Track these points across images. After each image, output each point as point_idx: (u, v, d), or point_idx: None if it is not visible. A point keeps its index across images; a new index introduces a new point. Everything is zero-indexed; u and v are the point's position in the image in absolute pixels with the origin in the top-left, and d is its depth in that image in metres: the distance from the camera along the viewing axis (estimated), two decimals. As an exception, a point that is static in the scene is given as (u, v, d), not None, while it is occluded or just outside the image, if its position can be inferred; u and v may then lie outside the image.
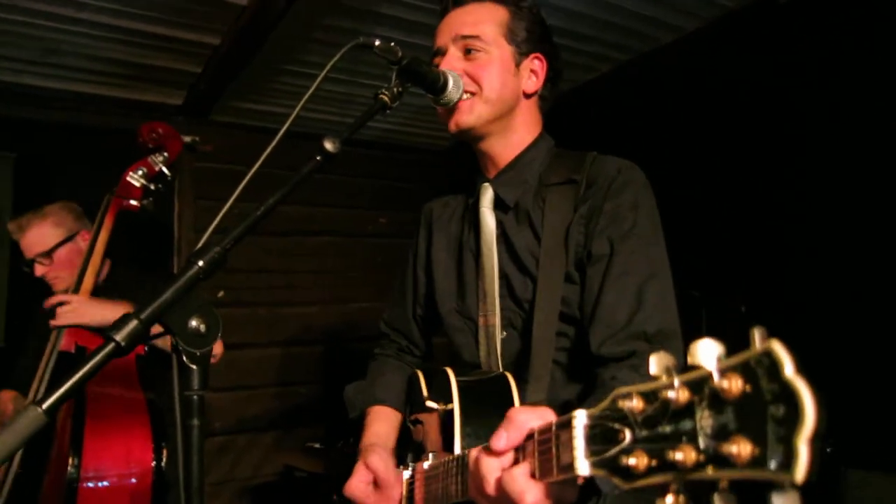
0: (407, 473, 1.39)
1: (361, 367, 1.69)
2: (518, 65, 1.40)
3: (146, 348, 2.43)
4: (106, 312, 2.28)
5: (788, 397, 0.52)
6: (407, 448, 1.51)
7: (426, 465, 1.31)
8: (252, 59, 3.22)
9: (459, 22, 1.37)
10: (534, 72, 1.43)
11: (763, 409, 0.53)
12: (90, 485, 2.08)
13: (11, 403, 2.54)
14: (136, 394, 2.33)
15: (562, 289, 1.28)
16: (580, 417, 0.72)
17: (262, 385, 4.16)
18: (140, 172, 2.48)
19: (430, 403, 1.34)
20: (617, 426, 0.66)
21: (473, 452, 0.99)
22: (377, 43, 1.11)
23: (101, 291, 2.47)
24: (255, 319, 4.14)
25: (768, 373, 0.54)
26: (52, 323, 2.28)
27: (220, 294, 4.07)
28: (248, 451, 4.07)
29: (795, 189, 2.87)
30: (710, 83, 3.33)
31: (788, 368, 0.53)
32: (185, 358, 0.81)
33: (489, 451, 0.91)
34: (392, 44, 1.14)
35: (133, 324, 0.78)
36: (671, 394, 0.61)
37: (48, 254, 2.50)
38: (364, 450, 1.44)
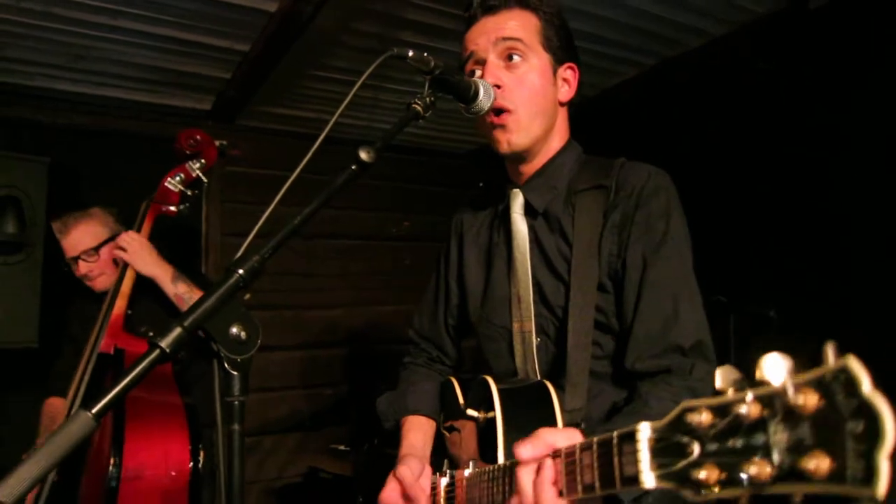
0: (445, 480, 1.40)
1: (385, 369, 1.69)
2: (555, 73, 1.41)
3: (182, 352, 2.48)
4: (152, 263, 2.43)
5: (868, 413, 0.53)
6: (442, 455, 1.52)
7: (467, 472, 1.32)
8: (280, 65, 3.27)
9: (497, 26, 1.37)
10: (566, 80, 1.44)
11: (841, 425, 0.54)
12: (130, 483, 2.12)
13: (64, 411, 2.60)
14: (173, 397, 2.37)
15: (596, 297, 1.29)
16: (644, 430, 0.73)
17: (288, 387, 4.20)
18: (178, 178, 2.55)
19: (470, 412, 1.35)
20: (685, 440, 0.67)
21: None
22: (411, 54, 1.12)
23: (135, 292, 2.52)
24: (281, 322, 4.18)
25: (845, 389, 0.55)
26: (115, 254, 2.44)
27: (247, 297, 4.10)
28: (273, 452, 4.11)
29: (825, 194, 2.84)
30: (738, 88, 3.31)
31: (866, 385, 0.54)
32: (226, 364, 0.83)
33: (519, 463, 0.93)
34: (425, 53, 1.15)
35: (177, 331, 0.80)
36: (743, 409, 0.62)
37: (95, 250, 2.56)
38: (398, 461, 1.45)
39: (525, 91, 1.35)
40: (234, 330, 0.84)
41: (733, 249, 2.94)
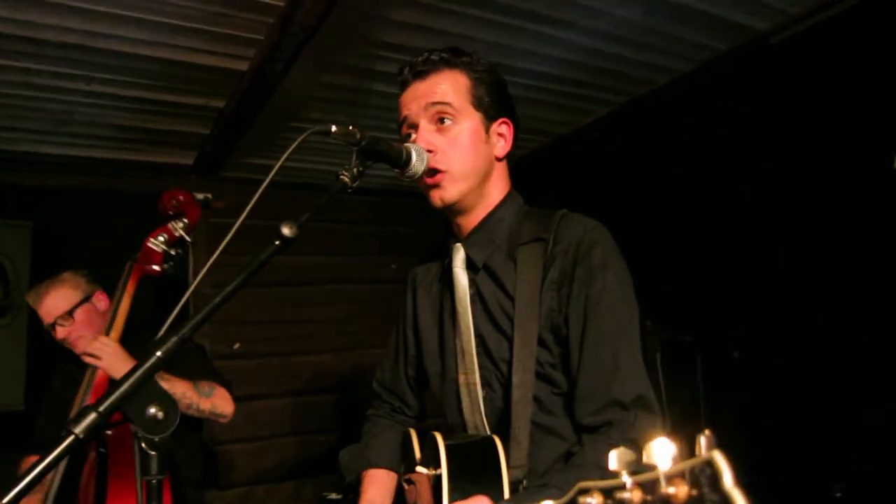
0: None
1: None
2: (487, 130, 1.44)
3: None
4: (128, 365, 2.35)
5: None
6: None
7: None
8: (256, 119, 3.33)
9: (427, 91, 1.41)
10: (502, 135, 1.47)
11: None
12: None
13: None
14: None
15: (536, 351, 1.31)
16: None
17: (278, 434, 4.19)
18: (161, 238, 2.56)
19: (419, 469, 1.38)
20: None
21: None
22: (333, 129, 1.16)
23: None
24: (269, 370, 4.20)
25: (710, 482, 0.57)
26: (83, 355, 2.37)
27: (237, 346, 4.15)
28: (266, 501, 4.09)
29: (791, 230, 2.87)
30: (706, 123, 3.36)
31: (727, 479, 0.56)
32: (144, 445, 0.86)
33: None
34: (350, 127, 1.19)
35: (92, 416, 0.83)
36: (626, 494, 0.63)
37: (69, 314, 2.59)
38: None
39: (457, 152, 1.38)
40: (152, 410, 0.87)
41: (700, 290, 2.96)
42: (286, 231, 1.06)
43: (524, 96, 3.44)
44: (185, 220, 2.59)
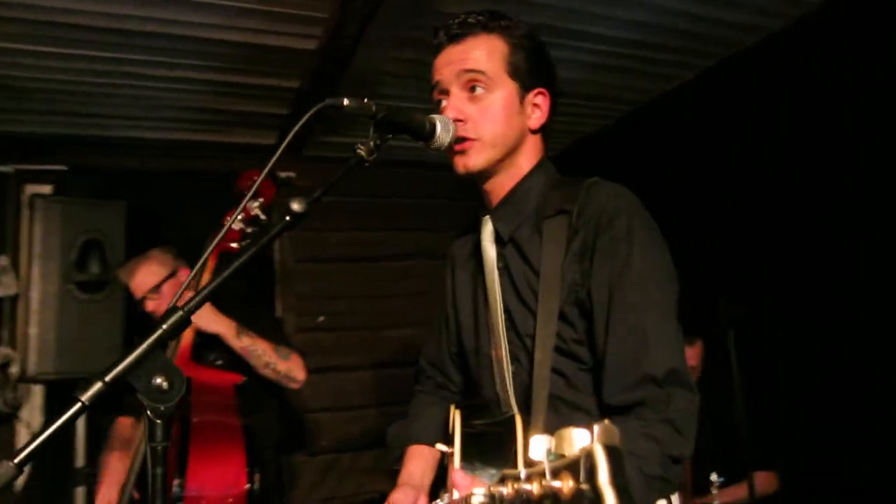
0: None
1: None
2: (522, 100, 1.38)
3: (244, 378, 2.63)
4: (215, 320, 2.54)
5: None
6: (443, 483, 1.54)
7: (439, 502, 1.35)
8: (332, 97, 3.39)
9: (460, 57, 1.36)
10: (537, 106, 1.41)
11: None
12: (193, 502, 2.25)
13: (130, 429, 2.83)
14: (234, 420, 2.50)
15: (557, 327, 1.26)
16: (477, 495, 0.74)
17: (364, 405, 4.32)
18: (239, 217, 2.68)
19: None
20: None
21: None
22: (346, 102, 1.16)
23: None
24: (354, 342, 4.32)
25: (588, 475, 0.55)
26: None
27: (321, 319, 4.29)
28: (352, 469, 4.24)
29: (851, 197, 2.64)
30: (794, 85, 3.12)
31: (602, 474, 0.54)
32: (149, 413, 0.90)
33: None
34: (365, 99, 1.18)
35: (98, 385, 0.87)
36: (527, 486, 0.63)
37: (156, 289, 2.75)
38: (395, 489, 1.49)
39: (488, 122, 1.34)
40: (158, 380, 0.90)
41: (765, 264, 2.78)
42: (296, 207, 1.07)
43: (600, 63, 3.32)
44: (261, 200, 2.69)
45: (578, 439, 0.62)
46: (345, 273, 4.34)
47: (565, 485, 0.57)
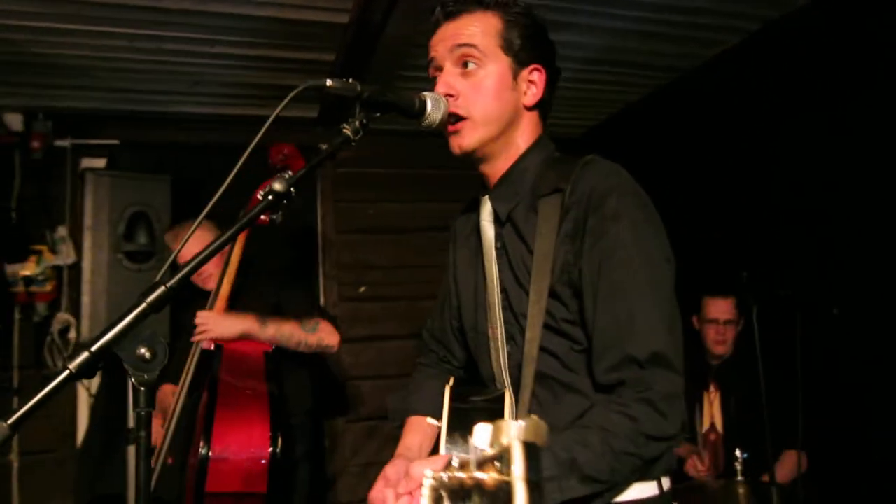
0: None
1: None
2: (516, 77, 1.38)
3: (273, 346, 2.73)
4: (235, 325, 2.64)
5: (509, 497, 0.56)
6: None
7: None
8: (366, 70, 3.42)
9: (454, 33, 1.37)
10: (533, 83, 1.40)
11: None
12: (217, 464, 2.37)
13: (171, 396, 2.98)
14: (260, 386, 2.60)
15: (547, 307, 1.27)
16: (427, 478, 0.76)
17: (403, 374, 4.40)
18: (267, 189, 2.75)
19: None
20: (443, 493, 0.70)
21: None
22: (329, 83, 1.18)
23: (239, 295, 2.80)
24: (395, 312, 4.39)
25: (506, 469, 0.57)
26: (193, 339, 2.66)
27: (362, 289, 4.38)
28: (391, 436, 4.33)
29: None
30: (847, 53, 2.96)
31: (516, 469, 0.56)
32: (134, 381, 0.96)
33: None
34: (349, 80, 1.20)
35: (85, 355, 0.94)
36: (459, 474, 0.67)
37: None
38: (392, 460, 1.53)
39: (479, 98, 1.34)
40: (142, 351, 0.96)
41: (800, 243, 2.67)
42: (277, 186, 1.12)
43: (638, 30, 3.24)
44: (290, 173, 2.74)
45: (509, 431, 0.63)
46: (383, 244, 4.41)
47: (490, 476, 0.59)
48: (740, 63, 3.48)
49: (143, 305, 0.98)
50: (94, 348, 0.94)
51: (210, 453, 2.36)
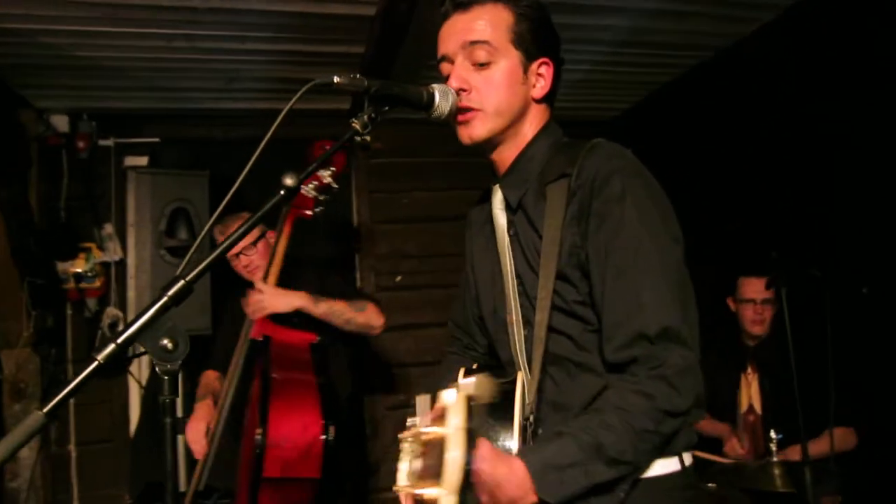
0: None
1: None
2: (526, 70, 1.40)
3: (319, 337, 2.80)
4: (289, 299, 2.73)
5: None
6: None
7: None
8: (395, 61, 3.45)
9: (465, 27, 1.38)
10: (541, 76, 1.42)
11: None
12: (273, 451, 2.46)
13: (216, 382, 3.08)
14: (309, 375, 2.68)
15: (556, 289, 1.30)
16: (406, 436, 0.81)
17: (439, 361, 4.44)
18: (312, 185, 2.81)
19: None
20: (407, 447, 0.75)
21: None
22: (336, 80, 1.21)
23: (286, 287, 2.86)
24: (432, 300, 4.43)
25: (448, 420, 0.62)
26: (249, 315, 2.73)
27: (398, 279, 4.43)
28: (431, 422, 4.40)
29: None
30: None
31: (453, 418, 0.62)
32: (158, 370, 1.01)
33: None
34: (356, 76, 1.23)
35: (111, 346, 0.99)
36: (422, 429, 0.71)
37: (254, 244, 2.97)
38: None
39: (492, 91, 1.37)
40: (164, 342, 1.01)
41: (830, 224, 2.61)
42: (289, 181, 1.15)
43: (669, 10, 3.19)
44: (333, 168, 2.80)
45: (457, 389, 0.70)
46: (418, 233, 4.45)
47: (441, 429, 0.65)
48: (775, 39, 3.39)
49: (165, 299, 1.03)
50: (119, 340, 0.99)
51: (267, 440, 2.44)
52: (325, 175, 2.79)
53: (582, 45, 3.47)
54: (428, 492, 0.71)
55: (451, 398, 0.67)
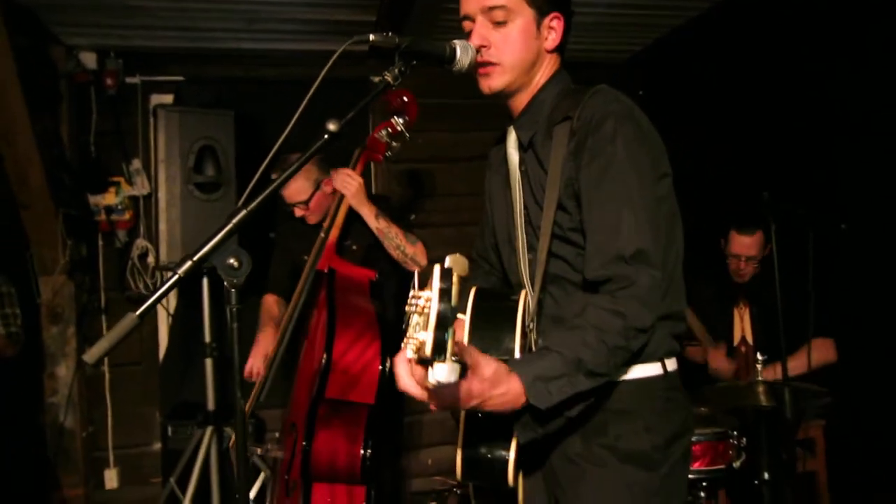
0: None
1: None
2: (539, 25, 1.56)
3: (377, 274, 2.96)
4: (364, 199, 2.94)
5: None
6: None
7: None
8: (415, 3, 3.55)
9: None
10: (552, 29, 1.58)
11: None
12: (336, 375, 2.67)
13: (276, 306, 3.29)
14: (370, 307, 2.86)
15: (556, 217, 1.50)
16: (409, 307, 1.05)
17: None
18: (385, 132, 2.95)
19: (459, 315, 1.64)
20: (408, 318, 1.03)
21: None
22: (372, 37, 1.37)
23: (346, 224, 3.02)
24: (443, 238, 4.60)
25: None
26: (337, 184, 2.91)
27: (413, 217, 4.61)
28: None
29: None
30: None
31: (435, 283, 0.96)
32: (226, 284, 1.21)
33: None
34: (388, 33, 1.39)
35: (188, 263, 1.19)
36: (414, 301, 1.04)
37: (306, 202, 3.13)
38: None
39: (509, 47, 1.53)
40: (230, 260, 1.21)
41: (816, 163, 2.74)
42: (332, 126, 1.31)
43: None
44: (407, 118, 2.92)
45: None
46: (433, 172, 4.61)
47: (427, 292, 0.90)
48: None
49: (230, 225, 1.22)
50: (195, 257, 1.19)
51: (330, 365, 2.65)
52: (399, 123, 2.93)
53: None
54: (418, 335, 0.98)
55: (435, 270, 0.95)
